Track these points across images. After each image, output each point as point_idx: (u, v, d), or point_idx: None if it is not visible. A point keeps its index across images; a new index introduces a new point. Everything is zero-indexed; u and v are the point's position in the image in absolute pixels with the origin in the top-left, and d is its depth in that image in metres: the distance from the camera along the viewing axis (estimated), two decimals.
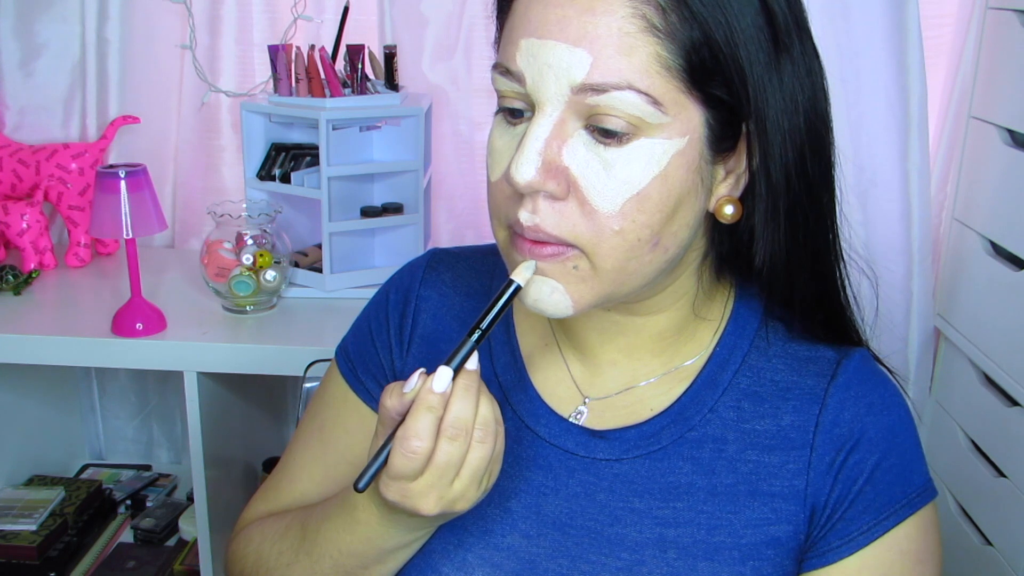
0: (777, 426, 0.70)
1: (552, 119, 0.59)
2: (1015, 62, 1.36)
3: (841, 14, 1.48)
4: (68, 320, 1.41)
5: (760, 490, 0.70)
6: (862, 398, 0.71)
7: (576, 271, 0.62)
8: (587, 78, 0.57)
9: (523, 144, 0.59)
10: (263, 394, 1.68)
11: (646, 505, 0.71)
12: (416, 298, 0.81)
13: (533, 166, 0.59)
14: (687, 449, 0.71)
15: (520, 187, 0.60)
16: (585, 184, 0.60)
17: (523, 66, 0.59)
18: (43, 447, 1.78)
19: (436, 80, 1.61)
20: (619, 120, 0.58)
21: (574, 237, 0.61)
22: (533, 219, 0.61)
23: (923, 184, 1.55)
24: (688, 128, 0.60)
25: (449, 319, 0.80)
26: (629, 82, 0.57)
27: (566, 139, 0.60)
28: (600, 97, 0.57)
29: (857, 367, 0.72)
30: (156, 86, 1.70)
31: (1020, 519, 1.29)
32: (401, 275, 0.84)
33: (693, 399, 0.72)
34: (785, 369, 0.72)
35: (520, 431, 0.75)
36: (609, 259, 0.61)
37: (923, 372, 1.64)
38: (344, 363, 0.83)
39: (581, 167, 0.60)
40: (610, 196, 0.59)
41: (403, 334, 0.81)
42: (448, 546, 0.73)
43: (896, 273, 1.59)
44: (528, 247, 0.62)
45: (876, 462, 0.69)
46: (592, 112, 0.59)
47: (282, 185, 1.46)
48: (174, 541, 1.69)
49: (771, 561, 0.69)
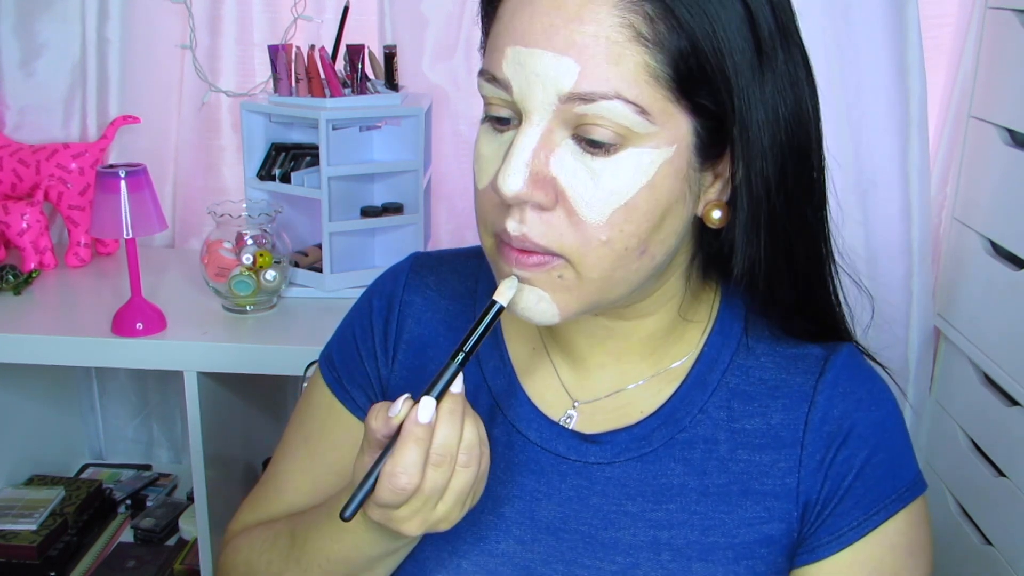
0: (767, 425, 0.70)
1: (539, 129, 0.59)
2: (1015, 62, 1.36)
3: (841, 14, 1.48)
4: (68, 320, 1.41)
5: (752, 489, 0.70)
6: (851, 394, 0.70)
7: (561, 280, 0.62)
8: (575, 87, 0.56)
9: (510, 154, 0.59)
10: (263, 394, 1.68)
11: (639, 508, 0.70)
12: (400, 303, 0.80)
13: (521, 177, 0.58)
14: (678, 450, 0.71)
15: (507, 198, 0.59)
16: (573, 195, 0.59)
17: (509, 74, 0.59)
18: (43, 447, 1.78)
19: (436, 80, 1.61)
20: (606, 131, 0.57)
21: (560, 247, 0.60)
22: (520, 229, 0.60)
23: (923, 184, 1.55)
24: (676, 137, 0.59)
25: (435, 323, 0.79)
26: (617, 91, 0.56)
27: (553, 149, 0.59)
28: (588, 106, 0.57)
29: (845, 363, 0.72)
30: (156, 86, 1.70)
31: (1020, 519, 1.29)
32: (383, 281, 0.83)
33: (683, 400, 0.72)
34: (773, 367, 0.72)
35: (511, 436, 0.74)
36: (596, 269, 0.61)
37: (923, 372, 1.64)
38: (329, 373, 0.82)
39: (569, 177, 0.59)
40: (598, 207, 0.59)
41: (388, 341, 0.80)
42: (442, 554, 0.73)
43: (896, 273, 1.59)
44: (515, 256, 0.62)
45: (866, 457, 0.69)
46: (579, 122, 0.58)
47: (282, 185, 1.46)
48: (174, 541, 1.69)
49: (764, 560, 0.70)
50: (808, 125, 0.63)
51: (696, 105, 0.59)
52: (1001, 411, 1.34)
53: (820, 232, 0.68)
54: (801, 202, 0.65)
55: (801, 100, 0.62)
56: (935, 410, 1.62)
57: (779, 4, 0.61)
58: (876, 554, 0.69)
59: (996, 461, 1.37)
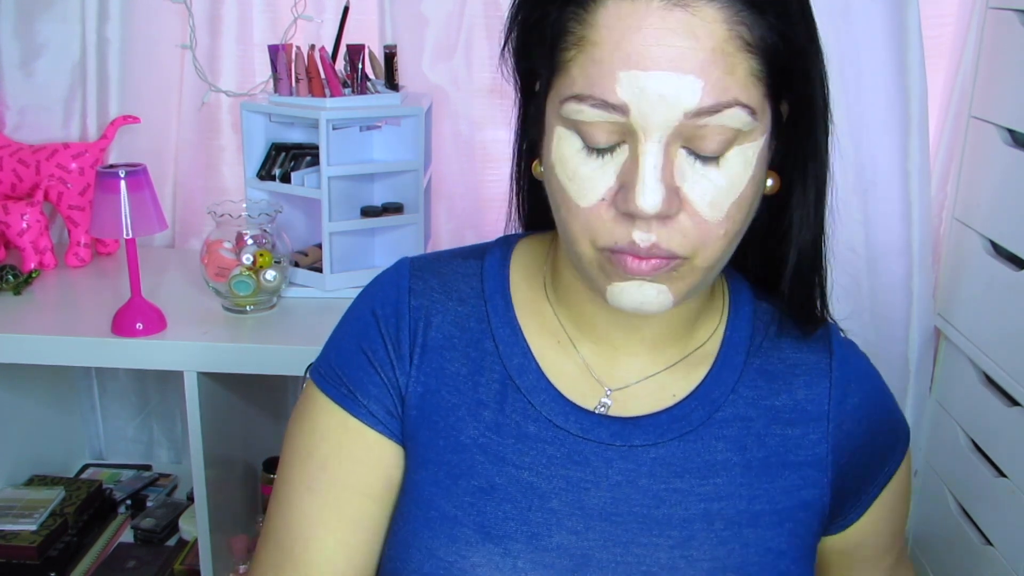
0: (793, 400, 0.77)
1: (661, 145, 0.62)
2: (1015, 62, 1.36)
3: (841, 14, 1.48)
4: (68, 320, 1.41)
5: (788, 460, 0.76)
6: (858, 368, 0.79)
7: (677, 273, 0.66)
8: (700, 103, 0.60)
9: (642, 175, 0.61)
10: (263, 394, 1.68)
11: (688, 484, 0.74)
12: (409, 309, 0.78)
13: (659, 195, 0.61)
14: (717, 429, 0.75)
15: (649, 215, 0.62)
16: (695, 199, 0.63)
17: (627, 99, 0.60)
18: (43, 447, 1.78)
19: (436, 80, 1.61)
20: (718, 137, 0.62)
21: (683, 248, 0.64)
22: (649, 239, 0.63)
23: (923, 184, 1.55)
24: (766, 127, 0.65)
25: (446, 326, 0.78)
26: (736, 99, 0.61)
27: (673, 160, 0.63)
28: (711, 118, 0.61)
29: (841, 341, 0.80)
30: (156, 86, 1.70)
31: (1020, 519, 1.29)
32: (381, 290, 0.80)
33: (715, 381, 0.76)
34: (788, 347, 0.78)
35: (548, 431, 0.74)
36: (710, 259, 0.66)
37: (923, 372, 1.64)
38: (336, 390, 0.77)
39: (689, 185, 0.63)
40: (718, 205, 0.63)
41: (402, 348, 0.77)
42: (494, 557, 0.72)
43: (896, 273, 1.59)
44: (636, 265, 0.64)
45: (878, 420, 0.79)
46: (695, 134, 0.62)
47: (282, 185, 1.46)
48: (174, 541, 1.70)
49: (803, 522, 0.76)
50: (829, 105, 0.70)
51: (778, 95, 0.65)
52: (1001, 411, 1.35)
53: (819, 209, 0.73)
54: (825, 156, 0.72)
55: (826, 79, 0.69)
56: (935, 410, 1.62)
57: None
58: (887, 501, 0.81)
59: (996, 461, 1.37)
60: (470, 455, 0.74)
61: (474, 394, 0.76)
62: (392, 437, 0.76)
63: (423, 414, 0.76)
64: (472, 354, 0.77)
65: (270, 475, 1.60)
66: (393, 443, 0.76)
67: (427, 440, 0.75)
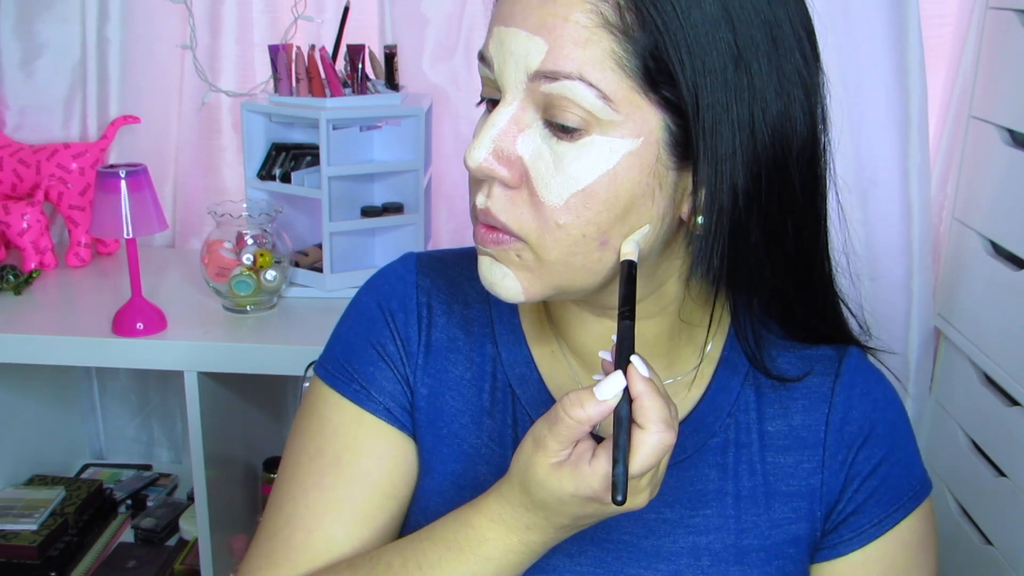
0: (788, 426, 0.73)
1: (512, 108, 0.61)
2: (1015, 62, 1.36)
3: (841, 14, 1.48)
4: (68, 320, 1.41)
5: (779, 491, 0.72)
6: (867, 395, 0.73)
7: (520, 260, 0.63)
8: (541, 65, 0.58)
9: (480, 130, 0.62)
10: (263, 394, 1.68)
11: (677, 515, 0.71)
12: (417, 306, 0.77)
13: (484, 151, 0.61)
14: (711, 456, 0.72)
15: (471, 171, 0.62)
16: (535, 175, 0.61)
17: (492, 53, 0.61)
18: (43, 447, 1.78)
19: (436, 80, 1.61)
20: (573, 115, 0.58)
21: (519, 227, 0.62)
22: (485, 203, 0.63)
23: (923, 184, 1.55)
24: (643, 130, 0.59)
25: (452, 327, 0.77)
26: (581, 73, 0.57)
27: (523, 129, 0.61)
28: (552, 85, 0.58)
29: (857, 365, 0.74)
30: (156, 86, 1.70)
31: (1020, 519, 1.29)
32: (388, 284, 0.79)
33: (710, 406, 0.73)
34: (789, 369, 0.73)
35: None
36: (552, 252, 0.62)
37: (923, 372, 1.64)
38: (347, 386, 0.75)
39: (533, 158, 0.61)
40: (556, 189, 0.60)
41: (410, 345, 0.76)
42: None
43: (896, 273, 1.59)
44: (481, 232, 0.64)
45: (884, 456, 0.72)
46: (548, 103, 0.59)
47: (282, 185, 1.46)
48: (174, 541, 1.70)
49: (793, 559, 0.72)
50: (791, 137, 0.61)
51: (666, 100, 0.58)
52: (1001, 411, 1.35)
53: (814, 246, 0.67)
54: (782, 214, 0.62)
55: (789, 111, 0.60)
56: (935, 410, 1.62)
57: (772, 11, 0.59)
58: (891, 550, 0.72)
59: (996, 461, 1.37)
60: (473, 465, 0.74)
61: (478, 400, 0.75)
62: (407, 431, 0.75)
63: (428, 417, 0.75)
64: (476, 359, 0.76)
65: (270, 475, 1.60)
66: (408, 437, 0.75)
67: (432, 446, 0.75)
